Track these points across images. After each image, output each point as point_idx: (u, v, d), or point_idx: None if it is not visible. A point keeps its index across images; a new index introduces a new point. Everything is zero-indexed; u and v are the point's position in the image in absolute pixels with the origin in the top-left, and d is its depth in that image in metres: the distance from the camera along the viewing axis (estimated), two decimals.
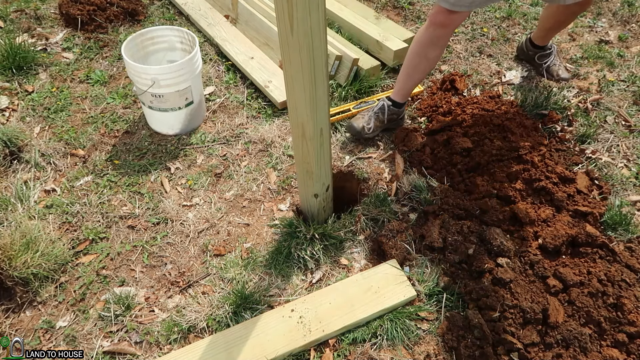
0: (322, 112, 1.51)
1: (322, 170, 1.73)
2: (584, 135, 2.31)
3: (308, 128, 1.53)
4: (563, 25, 2.50)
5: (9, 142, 2.20)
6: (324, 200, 1.88)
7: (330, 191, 1.90)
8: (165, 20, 3.26)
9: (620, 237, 1.86)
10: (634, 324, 1.54)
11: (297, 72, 1.36)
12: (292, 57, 1.32)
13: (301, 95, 1.43)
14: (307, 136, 1.56)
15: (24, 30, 3.01)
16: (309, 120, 1.50)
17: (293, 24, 1.23)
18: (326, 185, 1.82)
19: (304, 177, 1.76)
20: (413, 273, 1.76)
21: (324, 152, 1.66)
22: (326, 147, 1.65)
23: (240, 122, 2.47)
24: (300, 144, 1.61)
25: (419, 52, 2.06)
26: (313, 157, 1.64)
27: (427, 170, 2.17)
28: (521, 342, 1.52)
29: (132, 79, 2.22)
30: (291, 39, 1.27)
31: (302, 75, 1.36)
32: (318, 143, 1.60)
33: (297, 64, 1.34)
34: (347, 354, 1.56)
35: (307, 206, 1.91)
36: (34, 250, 1.73)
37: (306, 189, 1.82)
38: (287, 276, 1.79)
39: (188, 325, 1.64)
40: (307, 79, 1.37)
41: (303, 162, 1.68)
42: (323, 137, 1.59)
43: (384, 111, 2.29)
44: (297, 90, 1.42)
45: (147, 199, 2.07)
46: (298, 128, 1.55)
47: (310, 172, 1.71)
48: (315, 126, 1.53)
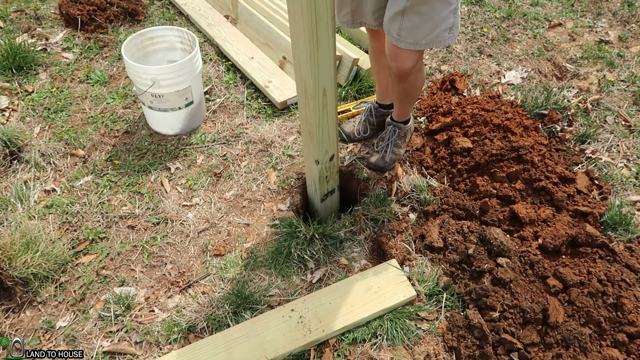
0: (325, 70, 1.46)
1: (324, 135, 1.67)
2: (584, 135, 2.31)
3: (309, 86, 1.49)
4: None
5: (9, 142, 2.20)
6: (326, 170, 1.82)
7: (335, 162, 1.84)
8: (165, 20, 3.26)
9: (620, 237, 1.86)
10: (634, 324, 1.54)
11: (298, 28, 1.32)
12: (295, 11, 1.29)
13: (303, 51, 1.39)
14: (308, 94, 1.52)
15: (24, 30, 3.01)
16: (309, 77, 1.46)
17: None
18: (330, 153, 1.77)
19: (307, 140, 1.71)
20: (413, 273, 1.76)
21: (328, 115, 1.61)
22: (330, 110, 1.59)
23: (240, 122, 2.47)
24: (304, 103, 1.57)
25: (371, 60, 2.19)
26: (314, 117, 1.59)
27: (427, 170, 2.17)
28: (521, 342, 1.52)
29: (132, 79, 2.22)
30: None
31: (302, 29, 1.32)
32: (320, 103, 1.55)
33: (298, 18, 1.30)
34: (347, 354, 1.56)
35: (310, 173, 1.86)
36: (34, 250, 1.73)
37: (308, 153, 1.77)
38: (287, 276, 1.79)
39: (188, 325, 1.64)
40: (307, 35, 1.33)
41: (306, 122, 1.64)
42: (326, 98, 1.54)
43: (371, 113, 2.30)
44: (300, 46, 1.38)
45: (147, 199, 2.07)
46: (301, 85, 1.52)
47: (312, 135, 1.66)
48: (316, 85, 1.48)
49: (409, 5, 1.56)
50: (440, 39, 1.64)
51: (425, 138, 2.33)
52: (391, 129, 2.16)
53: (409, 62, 1.73)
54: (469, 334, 1.57)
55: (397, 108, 2.13)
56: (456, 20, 1.64)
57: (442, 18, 1.60)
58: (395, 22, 1.62)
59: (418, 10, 1.57)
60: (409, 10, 1.57)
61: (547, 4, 3.49)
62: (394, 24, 1.63)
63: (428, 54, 2.98)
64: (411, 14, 1.58)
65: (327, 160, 1.79)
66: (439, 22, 1.60)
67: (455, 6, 1.61)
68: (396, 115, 2.16)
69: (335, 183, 1.95)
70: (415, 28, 1.61)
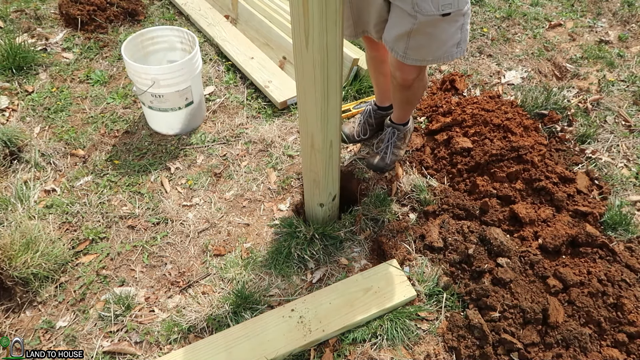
0: (333, 124, 1.49)
1: (329, 181, 1.72)
2: (584, 135, 2.31)
3: (317, 139, 1.52)
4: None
5: (9, 142, 2.20)
6: (329, 210, 1.88)
7: (337, 201, 1.90)
8: (165, 20, 3.26)
9: (620, 237, 1.86)
10: (634, 324, 1.54)
11: (309, 85, 1.35)
12: (305, 70, 1.31)
13: (312, 108, 1.41)
14: (316, 147, 1.55)
15: (24, 30, 3.01)
16: (318, 132, 1.49)
17: (308, 39, 1.22)
18: (333, 195, 1.82)
19: (311, 185, 1.75)
20: (413, 273, 1.76)
21: (333, 164, 1.65)
22: (335, 158, 1.63)
23: (240, 122, 2.47)
24: (309, 154, 1.60)
25: (369, 66, 2.17)
26: (321, 168, 1.63)
27: (427, 170, 2.17)
28: (521, 342, 1.52)
29: (132, 79, 2.22)
30: (306, 53, 1.26)
31: (314, 89, 1.35)
32: (327, 155, 1.58)
33: (310, 78, 1.32)
34: (347, 354, 1.56)
35: (312, 213, 1.91)
36: (34, 250, 1.73)
37: (312, 197, 1.81)
38: (287, 276, 1.79)
39: (188, 325, 1.64)
40: (319, 93, 1.36)
41: (310, 171, 1.68)
42: (333, 149, 1.58)
43: (371, 115, 2.30)
44: (309, 102, 1.41)
45: (147, 199, 2.07)
46: (307, 138, 1.54)
47: (318, 182, 1.71)
48: (324, 138, 1.52)
49: (415, 28, 1.51)
50: (447, 54, 1.60)
51: (425, 138, 2.33)
52: (390, 131, 2.16)
53: (414, 73, 1.73)
54: (469, 334, 1.57)
55: (398, 112, 2.12)
56: (464, 35, 1.59)
57: (450, 35, 1.55)
58: (400, 42, 1.58)
59: (424, 31, 1.52)
60: (416, 32, 1.53)
61: (547, 4, 3.49)
62: (399, 43, 1.58)
63: None
64: (417, 35, 1.54)
65: (331, 201, 1.85)
66: (447, 40, 1.56)
67: (463, 22, 1.55)
68: (396, 118, 2.15)
69: (335, 217, 1.99)
70: (422, 47, 1.57)
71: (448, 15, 1.48)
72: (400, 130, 2.16)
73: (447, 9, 1.47)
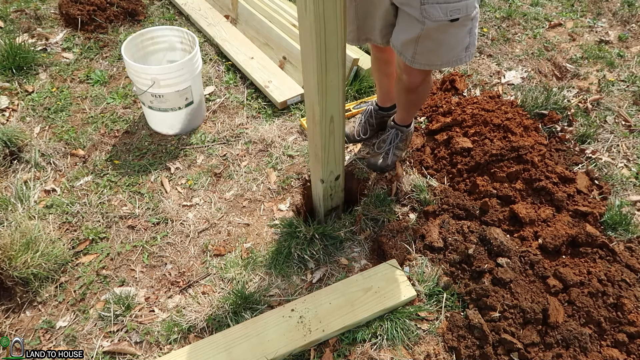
0: (333, 98, 1.48)
1: (329, 157, 1.71)
2: (584, 135, 2.31)
3: (316, 111, 1.51)
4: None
5: (9, 142, 2.20)
6: (331, 188, 1.86)
7: (341, 182, 1.88)
8: (165, 20, 3.26)
9: (620, 237, 1.86)
10: (634, 324, 1.54)
11: (307, 53, 1.35)
12: (304, 37, 1.31)
13: (311, 77, 1.41)
14: (316, 120, 1.54)
15: (24, 30, 3.01)
16: (316, 104, 1.48)
17: (307, 3, 1.21)
18: (335, 174, 1.81)
19: (313, 159, 1.75)
20: (413, 273, 1.76)
21: (335, 141, 1.63)
22: (337, 135, 1.62)
23: (240, 122, 2.47)
24: (312, 126, 1.60)
25: (373, 66, 2.16)
26: (320, 141, 1.62)
27: (427, 170, 2.17)
28: (521, 342, 1.52)
29: (132, 79, 2.22)
30: (304, 18, 1.25)
31: (311, 57, 1.34)
32: (327, 129, 1.57)
33: (307, 45, 1.32)
34: (347, 354, 1.56)
35: (315, 190, 1.90)
36: (34, 250, 1.73)
37: (314, 171, 1.81)
38: (287, 276, 1.79)
39: (188, 325, 1.64)
40: (316, 62, 1.35)
41: (313, 144, 1.68)
42: (334, 124, 1.56)
43: (372, 115, 2.30)
44: (309, 72, 1.40)
45: (147, 199, 2.07)
46: (310, 109, 1.54)
47: (318, 156, 1.70)
48: (323, 111, 1.51)
49: (423, 34, 1.50)
50: (456, 58, 1.59)
51: (425, 138, 2.33)
52: (394, 132, 2.16)
53: (421, 77, 1.73)
54: (469, 334, 1.57)
55: (402, 114, 2.11)
56: (472, 39, 1.58)
57: (459, 40, 1.54)
58: (409, 47, 1.57)
59: (433, 37, 1.52)
60: (424, 38, 1.52)
61: (547, 4, 3.49)
62: (408, 48, 1.58)
63: None
64: (426, 40, 1.53)
65: (332, 180, 1.84)
66: (455, 45, 1.55)
67: (471, 26, 1.54)
68: (400, 119, 2.15)
69: (340, 200, 1.98)
70: (431, 52, 1.56)
71: (457, 21, 1.46)
72: (403, 132, 2.15)
73: (456, 15, 1.45)
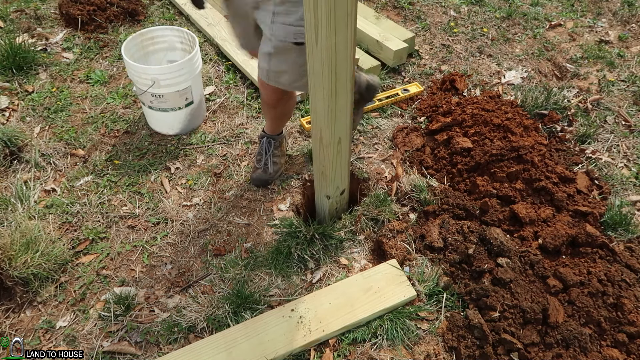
0: (342, 122, 1.54)
1: (336, 175, 1.77)
2: (584, 135, 2.31)
3: (325, 135, 1.57)
4: None
5: (9, 142, 2.20)
6: (336, 203, 1.91)
7: (346, 195, 1.92)
8: (165, 20, 3.26)
9: (620, 237, 1.86)
10: (634, 324, 1.54)
11: (318, 82, 1.40)
12: (315, 67, 1.37)
13: (321, 104, 1.46)
14: (324, 142, 1.60)
15: (24, 30, 3.01)
16: (325, 128, 1.54)
17: (318, 38, 1.27)
18: (341, 189, 1.85)
19: (319, 177, 1.79)
20: (413, 273, 1.76)
21: (342, 160, 1.69)
22: (344, 155, 1.68)
23: (240, 122, 2.47)
24: (318, 148, 1.65)
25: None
26: (329, 162, 1.68)
27: (427, 170, 2.17)
28: (521, 342, 1.52)
29: (132, 79, 2.22)
30: (315, 50, 1.31)
31: (322, 86, 1.40)
32: (335, 150, 1.64)
33: (318, 75, 1.38)
34: (347, 354, 1.56)
35: (320, 204, 1.94)
36: (34, 250, 1.73)
37: (320, 188, 1.85)
38: (287, 276, 1.79)
39: (188, 325, 1.63)
40: (327, 91, 1.41)
41: (319, 163, 1.72)
42: (341, 145, 1.63)
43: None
44: (318, 99, 1.45)
45: (147, 199, 2.07)
46: (317, 132, 1.59)
47: (325, 175, 1.75)
48: (332, 135, 1.57)
49: (274, 52, 1.55)
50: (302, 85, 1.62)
51: (425, 138, 2.33)
52: (266, 142, 2.10)
53: (277, 94, 1.77)
54: (469, 334, 1.57)
55: (270, 125, 2.09)
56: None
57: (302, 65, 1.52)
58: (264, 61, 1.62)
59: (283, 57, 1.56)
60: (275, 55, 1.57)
61: (547, 4, 3.49)
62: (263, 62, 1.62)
63: (428, 53, 2.98)
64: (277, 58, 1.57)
65: (338, 194, 1.88)
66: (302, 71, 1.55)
67: None
68: (270, 130, 2.10)
69: (344, 208, 2.01)
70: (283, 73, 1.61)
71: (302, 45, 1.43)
72: (276, 140, 2.11)
73: (300, 39, 1.48)
